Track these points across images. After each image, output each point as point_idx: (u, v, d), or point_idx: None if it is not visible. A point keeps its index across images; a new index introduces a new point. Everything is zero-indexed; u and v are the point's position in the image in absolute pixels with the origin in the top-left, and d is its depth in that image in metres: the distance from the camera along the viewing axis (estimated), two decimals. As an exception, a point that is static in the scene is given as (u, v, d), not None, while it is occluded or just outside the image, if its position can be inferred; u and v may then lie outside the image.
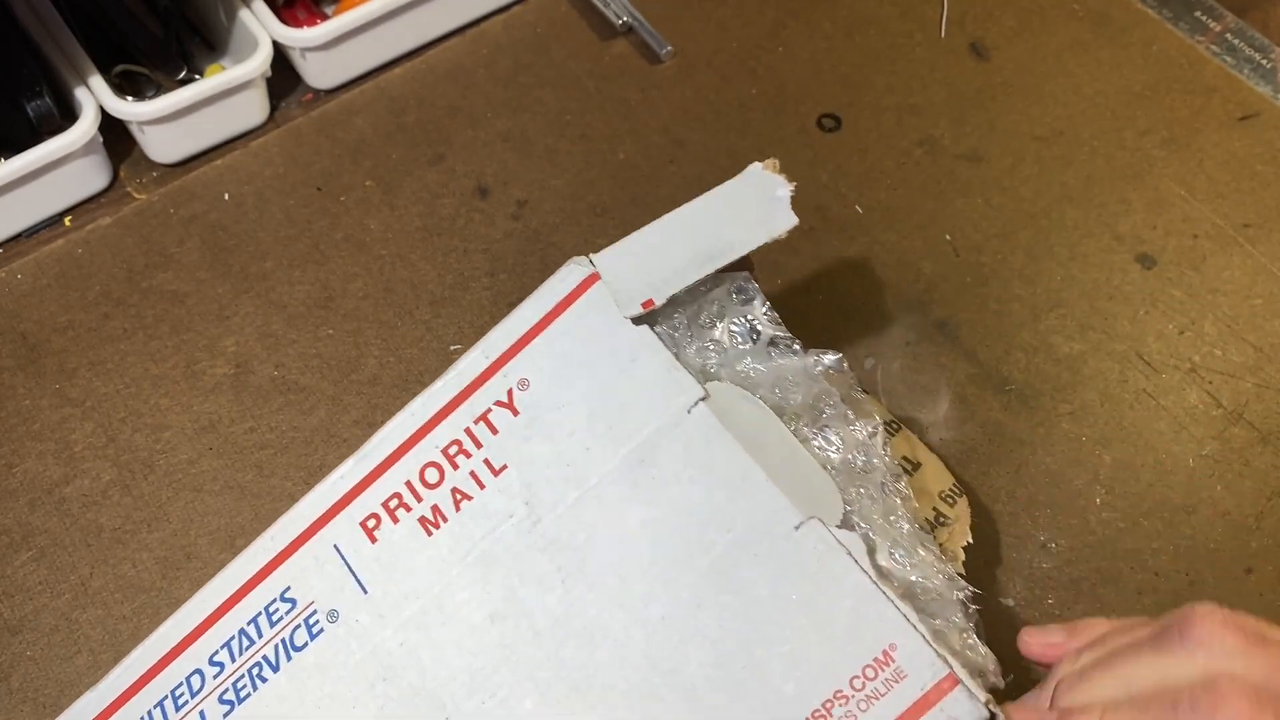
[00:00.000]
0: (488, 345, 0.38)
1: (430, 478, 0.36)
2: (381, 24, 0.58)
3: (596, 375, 0.36)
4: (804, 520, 0.33)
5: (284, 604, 0.36)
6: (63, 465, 0.49)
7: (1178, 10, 0.63)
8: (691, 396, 0.35)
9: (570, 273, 0.38)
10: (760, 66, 0.61)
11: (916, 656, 0.31)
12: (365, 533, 0.36)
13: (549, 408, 0.36)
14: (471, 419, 0.37)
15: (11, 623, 0.45)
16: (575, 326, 0.37)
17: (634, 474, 0.35)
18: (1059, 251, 0.54)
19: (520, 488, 0.36)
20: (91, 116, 0.53)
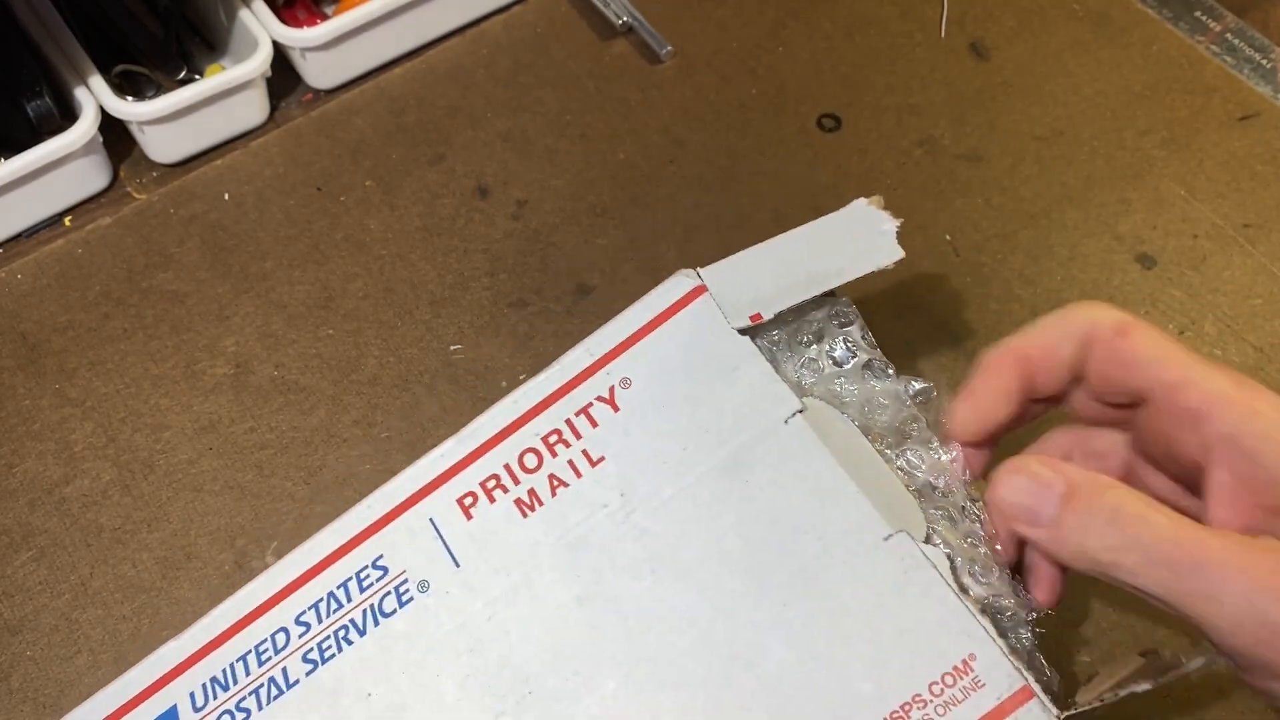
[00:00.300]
0: (592, 344, 0.39)
1: (529, 463, 0.37)
2: (381, 24, 0.58)
3: (698, 380, 0.37)
4: (893, 533, 0.34)
5: (375, 571, 0.37)
6: (63, 465, 0.49)
7: (1178, 10, 0.63)
8: (790, 408, 0.37)
9: (677, 283, 0.39)
10: (760, 66, 0.61)
11: (995, 668, 0.32)
12: (461, 509, 0.37)
13: (650, 407, 0.37)
14: (573, 411, 0.38)
15: (11, 623, 0.45)
16: (680, 333, 0.38)
17: (729, 476, 0.36)
18: (1059, 251, 0.54)
19: (616, 479, 0.37)
20: (91, 116, 0.53)
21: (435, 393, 0.50)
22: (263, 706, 0.35)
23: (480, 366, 0.51)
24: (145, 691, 0.36)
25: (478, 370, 0.51)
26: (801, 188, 0.57)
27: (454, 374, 0.51)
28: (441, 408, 0.50)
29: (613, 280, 0.54)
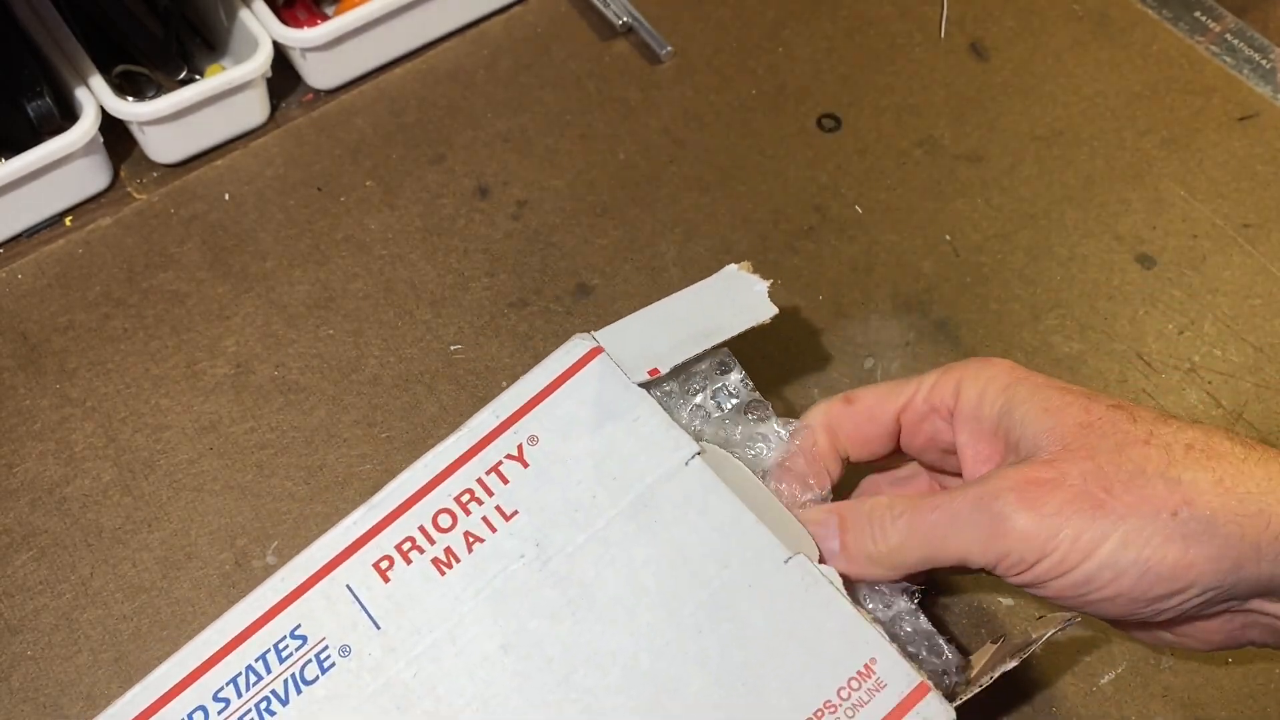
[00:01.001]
0: (498, 406, 0.41)
1: (443, 523, 0.39)
2: (382, 24, 0.58)
3: (601, 432, 0.40)
4: (791, 555, 0.37)
5: (294, 640, 0.37)
6: (63, 465, 0.49)
7: (1177, 10, 0.63)
8: (688, 451, 0.39)
9: (575, 346, 0.42)
10: (760, 66, 0.61)
11: (894, 668, 0.35)
12: (378, 573, 0.38)
13: (558, 460, 0.40)
14: (483, 470, 0.39)
15: (12, 622, 0.45)
16: (581, 391, 0.41)
17: (638, 518, 0.38)
18: (1059, 252, 0.55)
19: (531, 531, 0.38)
20: (92, 117, 0.53)
21: (436, 393, 0.51)
22: None
23: (480, 366, 0.51)
24: None
25: (478, 370, 0.51)
26: (801, 188, 0.57)
27: (454, 374, 0.51)
28: (442, 407, 0.50)
29: (613, 280, 0.54)
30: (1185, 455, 0.34)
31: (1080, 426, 0.35)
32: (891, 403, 0.40)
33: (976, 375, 0.38)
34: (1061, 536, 0.34)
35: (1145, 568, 0.34)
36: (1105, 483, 0.34)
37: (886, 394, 0.40)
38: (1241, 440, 0.35)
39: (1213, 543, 0.33)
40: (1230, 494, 0.33)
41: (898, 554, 0.37)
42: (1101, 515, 0.33)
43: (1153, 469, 0.34)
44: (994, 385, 0.37)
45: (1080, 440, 0.35)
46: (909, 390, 0.40)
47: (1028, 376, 0.37)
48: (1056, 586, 0.35)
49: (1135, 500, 0.33)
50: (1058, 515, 0.34)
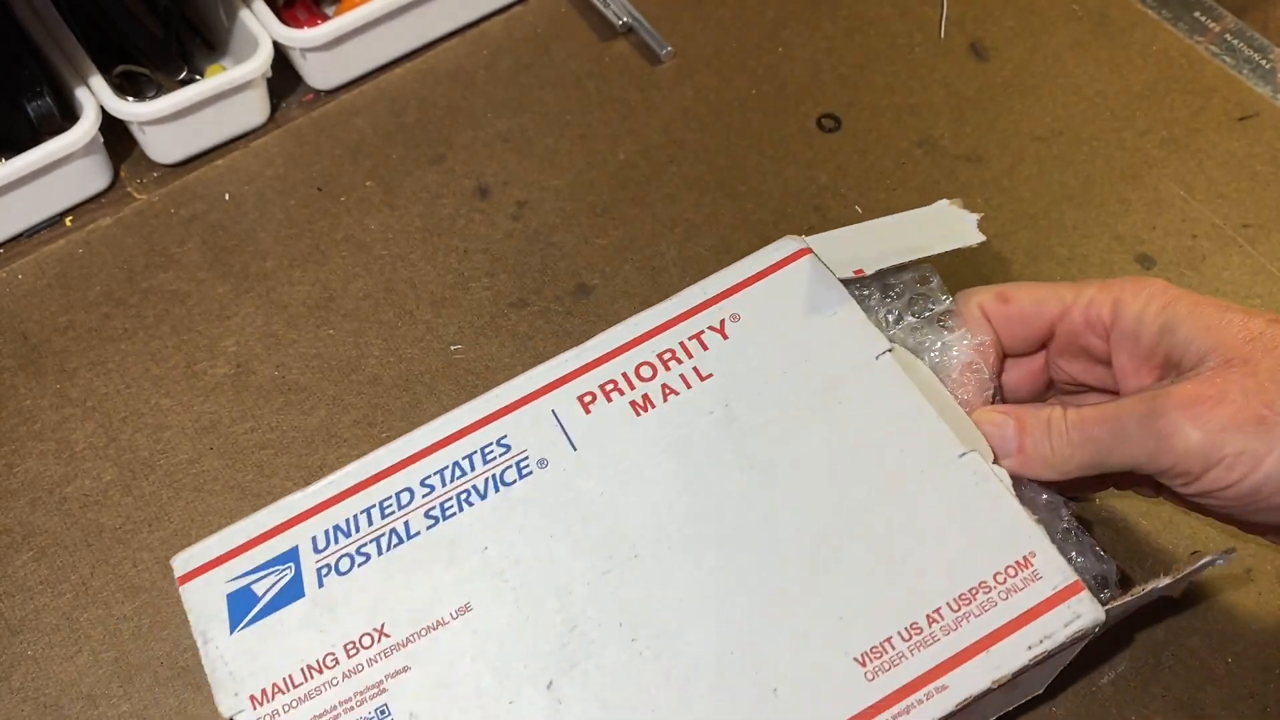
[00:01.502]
0: (706, 284, 0.44)
1: (644, 373, 0.42)
2: (382, 24, 0.59)
3: (800, 320, 0.43)
4: (966, 452, 0.39)
5: (499, 448, 0.41)
6: (63, 465, 0.49)
7: (1177, 10, 0.63)
8: (880, 348, 0.42)
9: (785, 244, 0.44)
10: (760, 66, 0.61)
11: (1051, 564, 0.37)
12: (581, 405, 0.41)
13: (755, 338, 0.42)
14: (686, 336, 0.43)
15: (12, 622, 0.45)
16: (786, 282, 0.44)
17: (823, 398, 0.41)
18: (1059, 251, 0.55)
19: (722, 393, 0.41)
20: (92, 117, 0.53)
21: (436, 393, 0.51)
22: (383, 552, 0.39)
23: (480, 366, 0.51)
24: (269, 532, 0.39)
25: (478, 370, 0.51)
26: (801, 188, 0.57)
27: (454, 374, 0.51)
28: (442, 407, 0.50)
29: (613, 280, 0.54)
30: None
31: (1241, 342, 0.36)
32: (1047, 309, 0.41)
33: (1135, 294, 0.39)
34: (1227, 451, 0.35)
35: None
36: (1267, 398, 0.35)
37: (1043, 298, 0.41)
38: None
39: None
40: None
41: (1071, 460, 0.39)
42: (1264, 430, 0.35)
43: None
44: (1153, 304, 0.39)
45: (1242, 356, 0.36)
46: (1065, 299, 0.41)
47: (1184, 295, 0.38)
48: (1223, 497, 0.36)
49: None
50: (1223, 431, 0.35)
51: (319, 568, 0.38)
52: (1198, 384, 0.36)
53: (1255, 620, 0.45)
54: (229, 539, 0.39)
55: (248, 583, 0.38)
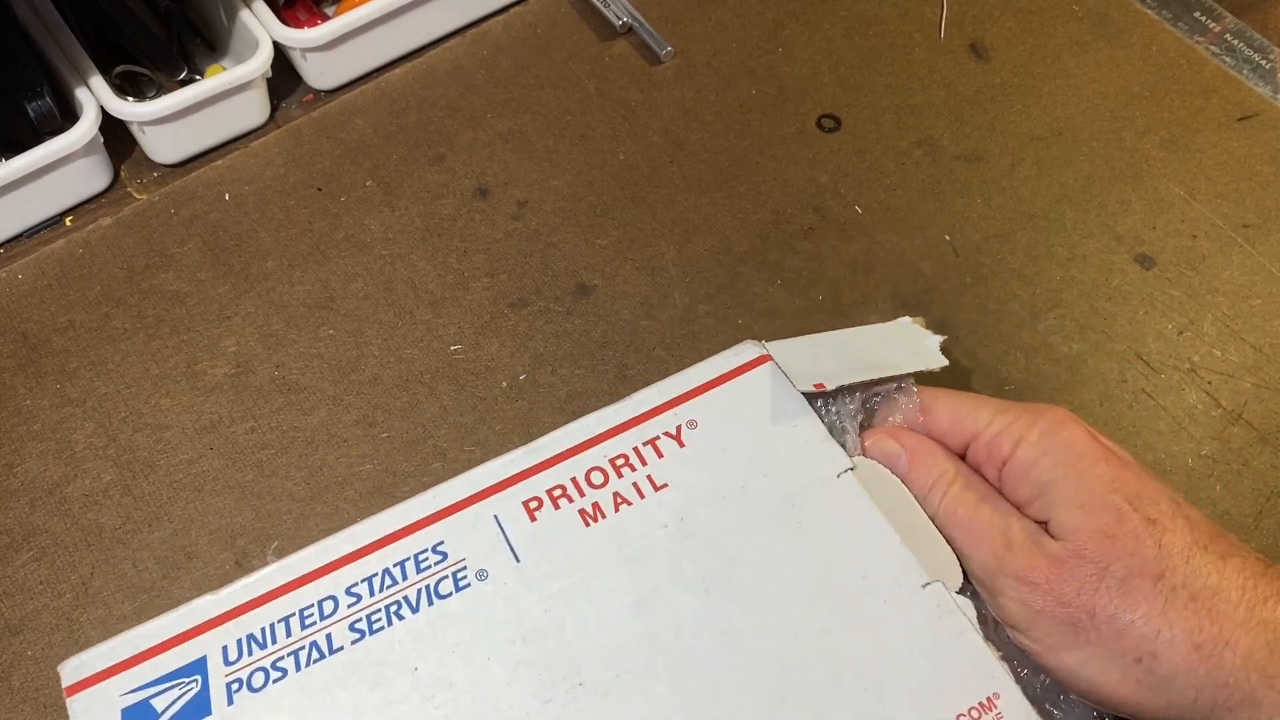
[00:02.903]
0: (663, 387, 0.42)
1: (595, 479, 0.40)
2: (382, 25, 0.59)
3: (759, 431, 0.41)
4: (930, 581, 0.38)
5: (435, 556, 0.38)
6: (63, 465, 0.49)
7: (1177, 11, 0.63)
8: (842, 465, 0.40)
9: (745, 349, 0.43)
10: (760, 67, 0.61)
11: (1016, 707, 0.36)
12: (526, 511, 0.39)
13: (713, 447, 0.41)
14: (641, 441, 0.41)
15: (12, 622, 0.45)
16: (745, 390, 0.42)
17: (783, 516, 0.39)
18: (1058, 252, 0.55)
19: (677, 505, 0.39)
20: (92, 117, 0.53)
21: (436, 393, 0.51)
22: (301, 668, 0.36)
23: (480, 366, 0.51)
24: (173, 639, 0.37)
25: (478, 370, 0.51)
26: (801, 188, 0.57)
27: (454, 374, 0.51)
28: (442, 407, 0.50)
29: (613, 280, 0.54)
30: (1184, 607, 0.35)
31: (1104, 537, 0.36)
32: (962, 428, 0.42)
33: (1036, 443, 0.39)
34: (1037, 630, 0.37)
35: (1097, 689, 0.37)
36: (1091, 608, 0.36)
37: (959, 417, 0.42)
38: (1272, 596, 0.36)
39: (1165, 696, 0.36)
40: (1206, 660, 0.35)
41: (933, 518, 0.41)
42: (1074, 634, 0.36)
43: (1140, 613, 0.35)
44: (1047, 459, 0.39)
45: (1096, 551, 0.36)
46: (980, 423, 0.41)
47: (1084, 454, 0.38)
48: (1032, 658, 0.38)
49: (1109, 635, 0.36)
50: (1038, 615, 0.37)
51: (229, 682, 0.35)
52: (1044, 560, 0.37)
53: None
54: (128, 644, 0.36)
55: (146, 696, 0.35)
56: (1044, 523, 0.39)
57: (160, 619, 0.37)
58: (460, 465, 0.46)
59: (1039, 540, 0.38)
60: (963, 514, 0.40)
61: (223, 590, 0.37)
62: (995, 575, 0.38)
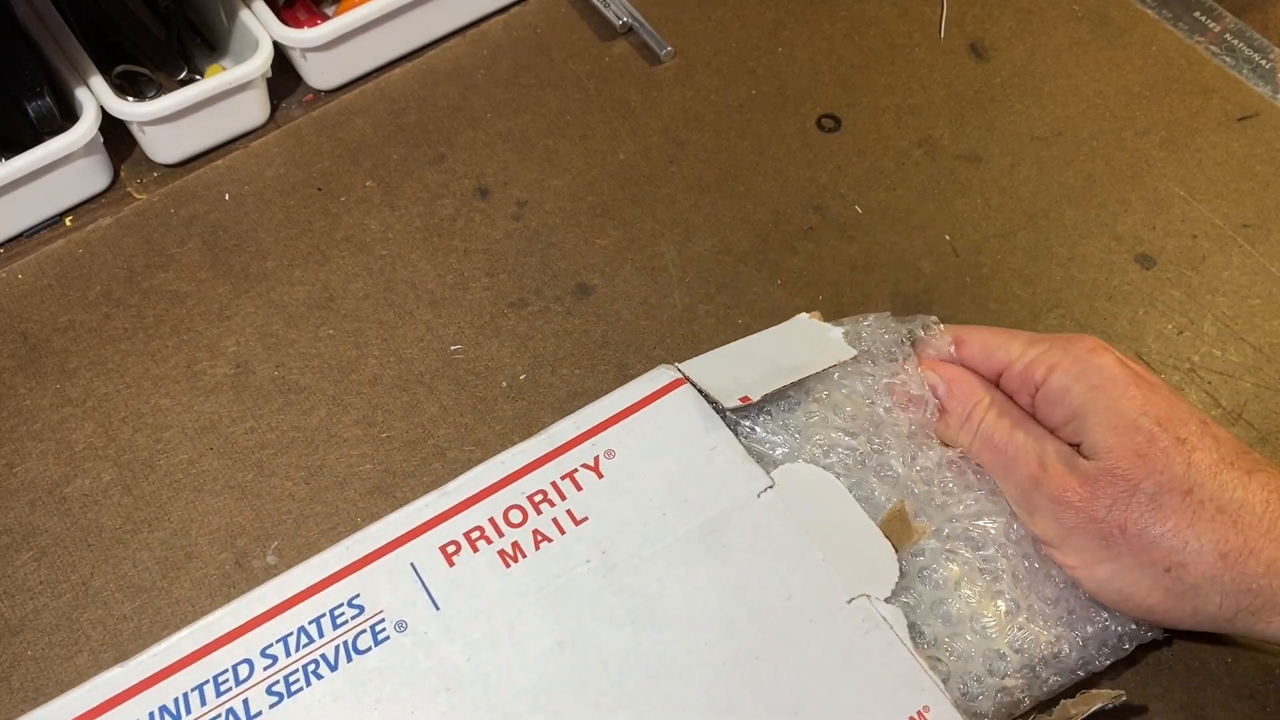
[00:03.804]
0: (579, 418, 0.42)
1: (514, 518, 0.39)
2: (382, 24, 0.59)
3: (677, 457, 0.41)
4: (855, 597, 0.38)
5: (350, 609, 0.37)
6: (63, 465, 0.49)
7: (1177, 10, 0.63)
8: (762, 484, 0.40)
9: (660, 374, 0.43)
10: (760, 67, 0.61)
11: (946, 717, 0.36)
12: (444, 556, 0.38)
13: (632, 476, 0.40)
14: (558, 475, 0.40)
15: (12, 622, 0.45)
16: (662, 415, 0.42)
17: (705, 540, 0.39)
18: (1058, 252, 0.55)
19: (598, 538, 0.39)
20: (92, 117, 0.53)
21: (436, 393, 0.51)
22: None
23: (480, 366, 0.51)
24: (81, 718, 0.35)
25: (478, 370, 0.51)
26: (801, 188, 0.57)
27: (454, 374, 0.51)
28: (442, 407, 0.50)
29: (613, 280, 0.54)
30: (1211, 519, 0.37)
31: (1135, 457, 0.38)
32: (995, 359, 0.44)
33: (1068, 369, 0.41)
34: (1070, 545, 0.39)
35: (1128, 599, 0.39)
36: (1123, 523, 0.38)
37: (992, 349, 0.44)
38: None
39: (1192, 603, 0.38)
40: (1231, 569, 0.37)
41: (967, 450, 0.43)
42: (1106, 546, 0.38)
43: (1169, 527, 0.38)
44: (1079, 385, 0.40)
45: (1128, 470, 0.38)
46: (1011, 354, 0.43)
47: (1115, 379, 0.40)
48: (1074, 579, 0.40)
49: (1139, 548, 0.38)
50: (1072, 531, 0.39)
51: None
52: (1076, 480, 0.39)
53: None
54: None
55: None
56: (1076, 445, 0.40)
57: (67, 695, 0.35)
58: (460, 465, 0.46)
59: (1072, 461, 0.40)
60: (998, 439, 0.42)
61: (131, 661, 0.36)
62: (1030, 495, 0.40)
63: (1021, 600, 0.41)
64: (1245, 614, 0.38)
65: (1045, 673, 0.40)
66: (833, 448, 0.43)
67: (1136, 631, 0.41)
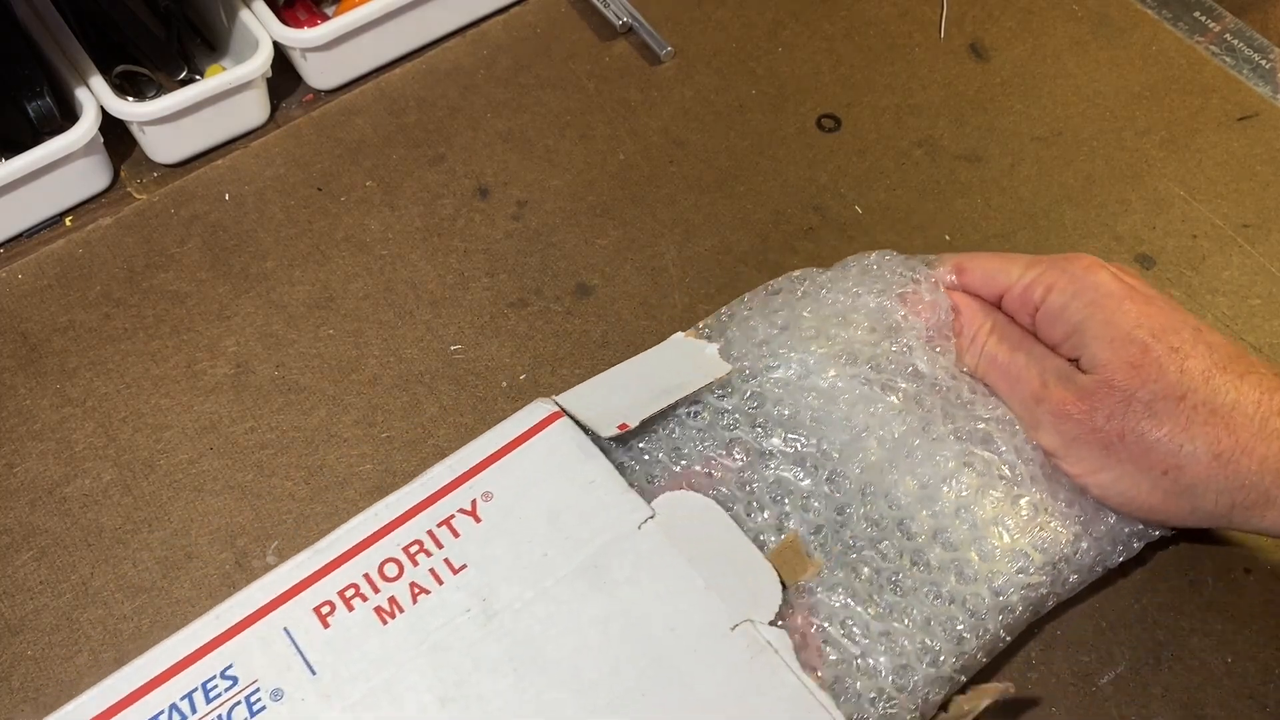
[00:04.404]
0: (454, 461, 0.41)
1: (389, 572, 0.38)
2: (382, 24, 0.59)
3: (556, 493, 0.40)
4: (738, 623, 0.37)
5: (224, 681, 0.36)
6: (63, 465, 0.49)
7: (1177, 11, 0.63)
8: (642, 515, 0.40)
9: (536, 409, 0.42)
10: (760, 66, 0.61)
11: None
12: (318, 618, 0.37)
13: (511, 517, 0.39)
14: (434, 523, 0.39)
15: (12, 622, 0.45)
16: (538, 452, 0.41)
17: (587, 577, 0.38)
18: (1058, 251, 0.54)
19: (478, 585, 0.38)
20: (92, 117, 0.53)
21: (436, 393, 0.51)
22: None
23: (480, 366, 0.51)
24: None
25: (478, 370, 0.51)
26: (801, 188, 0.57)
27: (454, 374, 0.51)
28: (442, 407, 0.50)
29: (613, 280, 0.54)
30: (1204, 423, 0.39)
31: (1130, 368, 0.40)
32: (995, 282, 0.46)
33: (1065, 288, 0.43)
34: (1074, 455, 0.42)
35: (1131, 501, 0.41)
36: (1121, 431, 0.40)
37: (992, 273, 0.46)
38: None
39: (1190, 502, 0.40)
40: (1225, 468, 0.39)
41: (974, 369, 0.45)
42: (1106, 454, 0.41)
43: (1164, 432, 0.40)
44: (1076, 302, 0.42)
45: (1123, 380, 0.40)
46: (1011, 277, 0.45)
47: (1111, 294, 0.42)
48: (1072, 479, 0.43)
49: (1138, 453, 0.40)
50: (1074, 442, 0.41)
51: None
52: (1075, 396, 0.41)
53: (1255, 620, 0.45)
54: None
55: None
56: (1075, 360, 0.42)
57: None
58: (460, 465, 0.46)
59: (1071, 376, 0.42)
60: (1001, 359, 0.44)
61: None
62: (1033, 411, 0.43)
63: (1041, 502, 0.42)
64: (1240, 509, 0.40)
65: (1066, 570, 0.42)
66: (854, 357, 0.44)
67: (1144, 531, 0.43)
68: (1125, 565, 0.46)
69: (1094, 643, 0.45)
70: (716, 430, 0.44)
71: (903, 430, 0.43)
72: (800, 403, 0.44)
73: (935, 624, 0.40)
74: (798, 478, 0.42)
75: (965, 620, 0.40)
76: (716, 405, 0.44)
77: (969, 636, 0.40)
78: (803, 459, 0.43)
